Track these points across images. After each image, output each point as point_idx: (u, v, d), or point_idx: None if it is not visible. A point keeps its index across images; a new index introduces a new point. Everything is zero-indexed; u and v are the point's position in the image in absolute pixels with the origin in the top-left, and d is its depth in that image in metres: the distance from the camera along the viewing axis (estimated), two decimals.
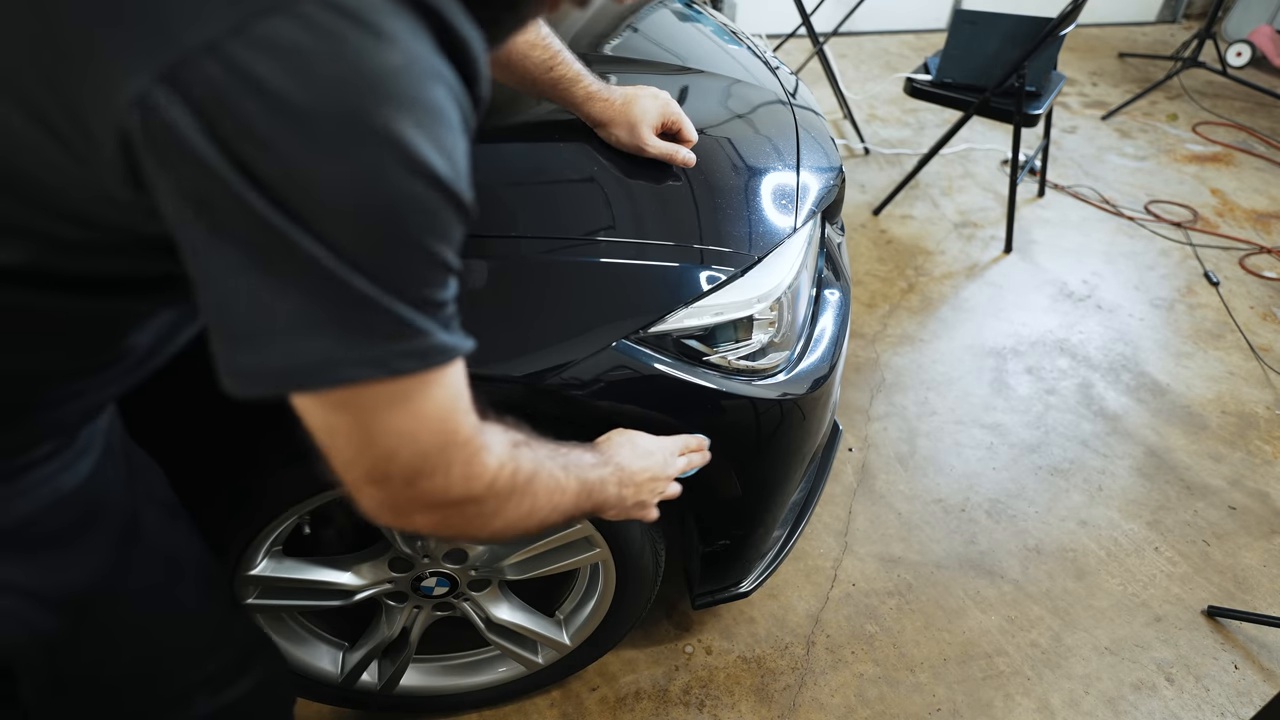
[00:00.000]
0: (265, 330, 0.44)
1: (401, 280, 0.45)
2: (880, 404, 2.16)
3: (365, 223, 0.43)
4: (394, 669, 1.29)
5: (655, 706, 1.46)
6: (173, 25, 0.39)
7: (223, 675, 0.84)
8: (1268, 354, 2.45)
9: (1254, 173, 3.49)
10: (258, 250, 0.42)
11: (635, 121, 1.02)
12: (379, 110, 0.40)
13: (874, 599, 1.67)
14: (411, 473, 0.53)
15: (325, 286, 0.43)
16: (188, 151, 0.40)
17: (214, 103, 0.39)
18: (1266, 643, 1.65)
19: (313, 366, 0.45)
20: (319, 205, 0.41)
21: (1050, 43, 2.46)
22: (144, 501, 0.75)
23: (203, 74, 0.39)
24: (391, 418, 0.49)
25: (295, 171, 0.40)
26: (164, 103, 0.39)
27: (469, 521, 0.60)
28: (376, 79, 0.40)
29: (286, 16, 0.38)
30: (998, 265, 2.76)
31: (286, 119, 0.39)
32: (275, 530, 1.07)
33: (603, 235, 0.99)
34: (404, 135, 0.41)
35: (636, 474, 0.84)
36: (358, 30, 0.39)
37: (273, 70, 0.38)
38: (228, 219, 0.42)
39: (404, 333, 0.46)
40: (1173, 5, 5.54)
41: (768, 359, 1.10)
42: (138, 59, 0.39)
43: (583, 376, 0.96)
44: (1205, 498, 1.97)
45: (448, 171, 0.43)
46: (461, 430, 0.54)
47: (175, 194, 0.42)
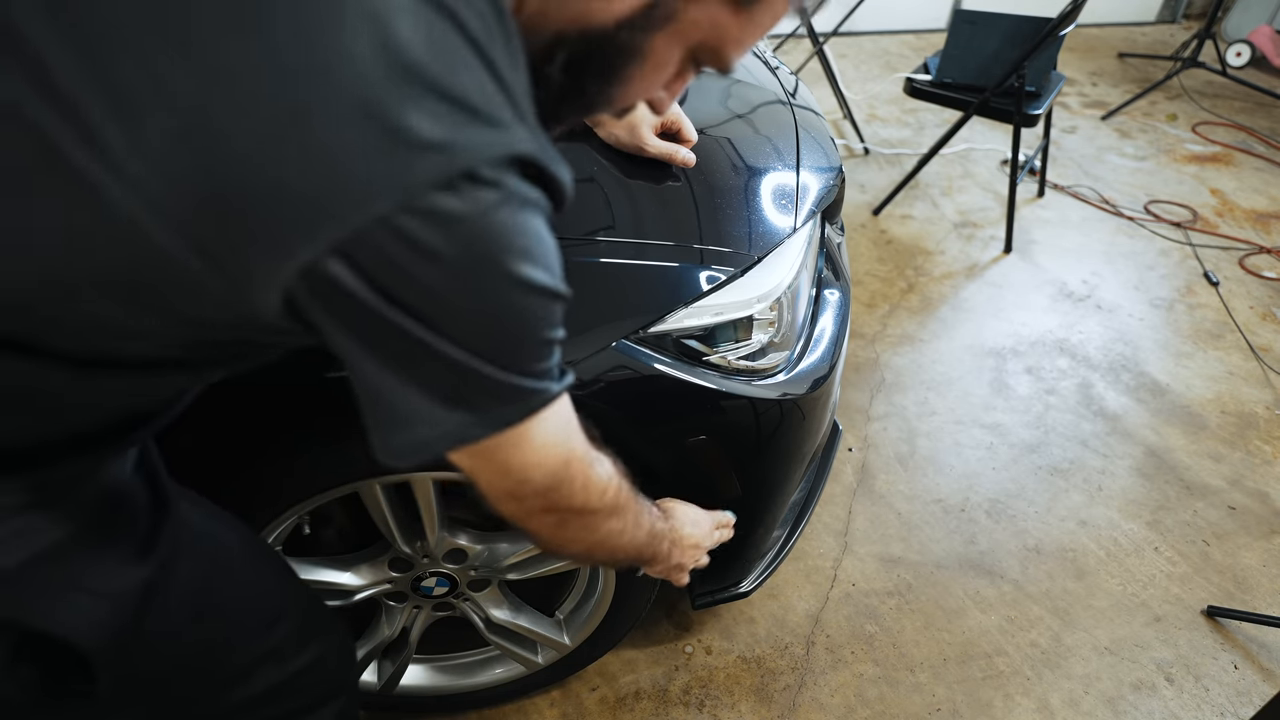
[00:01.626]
0: (414, 416, 0.54)
1: (522, 362, 0.56)
2: (880, 404, 2.16)
3: (494, 329, 0.53)
4: (394, 669, 1.29)
5: (655, 706, 1.46)
6: (348, 202, 0.44)
7: (286, 646, 0.86)
8: (1267, 354, 2.45)
9: (1254, 173, 3.49)
10: (410, 359, 0.51)
11: (635, 121, 1.02)
12: (503, 253, 0.49)
13: (874, 599, 1.67)
14: (543, 488, 0.64)
15: (464, 377, 0.53)
16: (351, 301, 0.47)
17: (379, 263, 0.46)
18: (1266, 642, 1.65)
19: (451, 435, 0.55)
20: (459, 320, 0.50)
21: (1050, 43, 2.46)
22: (178, 491, 0.78)
23: (372, 243, 0.45)
24: (518, 454, 0.60)
25: (440, 299, 0.49)
26: (333, 269, 0.45)
27: (581, 527, 0.71)
28: (501, 229, 0.48)
29: (449, 193, 0.45)
30: (997, 265, 2.76)
31: (437, 264, 0.47)
32: (275, 530, 1.07)
33: (602, 235, 0.99)
34: (519, 267, 0.50)
35: (685, 539, 0.94)
36: (493, 193, 0.47)
37: (430, 233, 0.46)
38: (384, 339, 0.50)
39: (523, 396, 0.57)
40: (1172, 5, 5.55)
41: (768, 359, 1.10)
42: (313, 233, 0.44)
43: (583, 376, 0.96)
44: (1205, 498, 1.97)
45: (549, 280, 0.53)
46: (576, 447, 0.65)
47: (337, 327, 0.50)
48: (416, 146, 0.44)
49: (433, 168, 0.45)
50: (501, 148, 0.47)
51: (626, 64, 0.58)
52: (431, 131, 0.44)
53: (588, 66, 0.58)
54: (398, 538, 1.09)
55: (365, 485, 1.03)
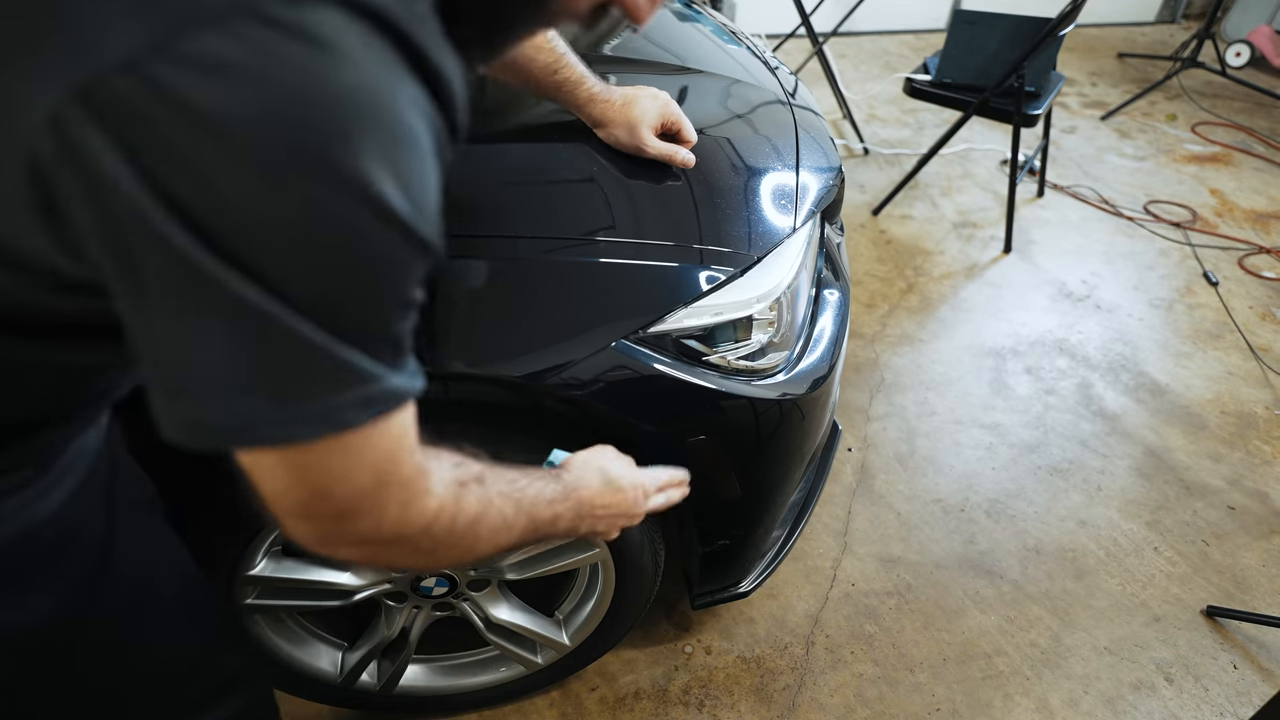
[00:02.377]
0: (197, 384, 0.40)
1: (351, 324, 0.41)
2: (880, 404, 2.16)
3: (311, 264, 0.38)
4: (393, 669, 1.29)
5: (655, 706, 1.46)
6: (85, 38, 0.34)
7: (204, 701, 0.80)
8: (1267, 354, 2.45)
9: (1253, 173, 3.49)
10: (187, 295, 0.37)
11: (635, 122, 1.02)
12: (333, 138, 0.35)
13: (873, 599, 1.67)
14: (343, 511, 0.49)
15: (261, 333, 0.38)
16: (106, 181, 0.35)
17: (134, 126, 0.34)
18: (1265, 642, 1.65)
19: (245, 428, 0.41)
20: (260, 245, 0.36)
21: (1049, 43, 2.47)
22: (123, 522, 0.70)
23: (121, 94, 0.33)
24: (329, 461, 0.45)
25: (226, 203, 0.35)
26: (78, 125, 0.34)
27: (400, 557, 0.57)
28: (330, 101, 0.35)
29: (217, 31, 0.34)
30: (997, 265, 2.76)
31: (221, 145, 0.34)
32: (275, 530, 1.07)
33: (602, 235, 0.99)
34: (361, 168, 0.36)
35: (596, 508, 0.80)
36: (306, 46, 0.34)
37: (204, 90, 0.33)
38: (153, 261, 0.36)
39: (352, 380, 0.42)
40: (1172, 5, 5.55)
41: (767, 359, 1.10)
42: (47, 74, 0.34)
43: (582, 376, 0.96)
44: (1204, 498, 1.97)
45: (410, 210, 0.38)
46: (402, 470, 0.50)
47: (96, 232, 0.37)
48: None
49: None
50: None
51: None
52: None
53: None
54: None
55: None
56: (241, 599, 1.12)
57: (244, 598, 1.12)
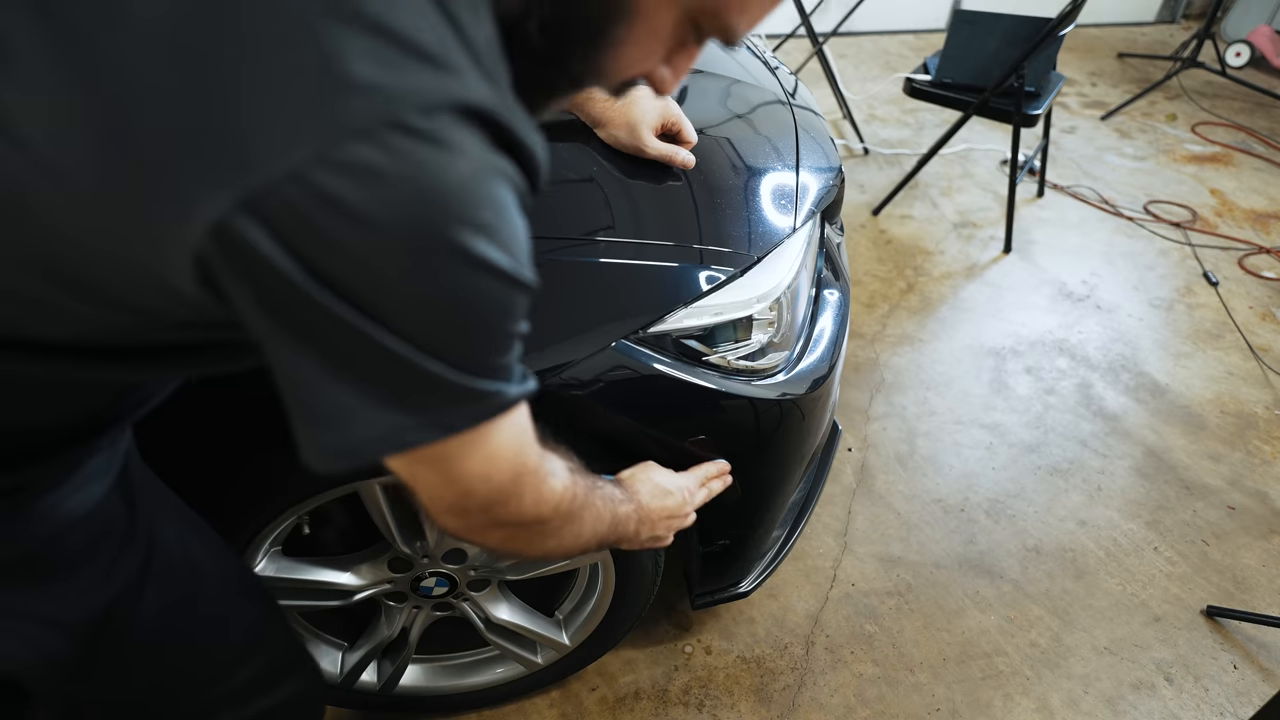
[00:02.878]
0: (345, 414, 0.47)
1: (471, 358, 0.49)
2: (879, 404, 2.16)
3: (438, 317, 0.46)
4: (393, 669, 1.29)
5: (654, 706, 1.46)
6: (255, 153, 0.39)
7: (252, 687, 0.83)
8: (1267, 354, 2.46)
9: (1253, 173, 3.49)
10: (336, 347, 0.45)
11: (635, 122, 1.02)
12: (448, 222, 0.42)
13: (873, 599, 1.67)
14: (488, 503, 0.58)
15: (401, 372, 0.46)
16: (268, 268, 0.41)
17: (297, 225, 0.40)
18: (1265, 642, 1.65)
19: (388, 438, 0.49)
20: (401, 306, 0.44)
21: (1049, 43, 2.46)
22: (159, 517, 0.74)
23: (285, 199, 0.39)
24: (466, 463, 0.54)
25: (379, 280, 0.43)
26: (245, 228, 0.40)
27: (531, 539, 0.67)
28: (445, 193, 0.42)
29: (369, 142, 0.40)
30: (997, 265, 2.76)
31: (370, 235, 0.41)
32: (274, 530, 1.07)
33: (602, 235, 0.99)
34: (470, 241, 0.43)
35: (654, 512, 0.90)
36: (436, 150, 0.41)
37: (357, 192, 0.40)
38: (307, 321, 0.44)
39: (476, 398, 0.51)
40: (1172, 5, 5.55)
41: (767, 359, 1.10)
42: (219, 187, 0.39)
43: (582, 376, 0.96)
44: (1204, 498, 1.97)
45: (510, 263, 0.46)
46: (529, 460, 0.60)
47: (254, 303, 0.44)
48: (339, 87, 0.39)
49: (356, 111, 0.39)
50: (444, 94, 0.41)
51: (613, 24, 0.51)
52: (359, 70, 0.39)
53: (570, 27, 0.50)
54: (397, 538, 1.09)
55: (365, 485, 1.03)
56: None
57: None
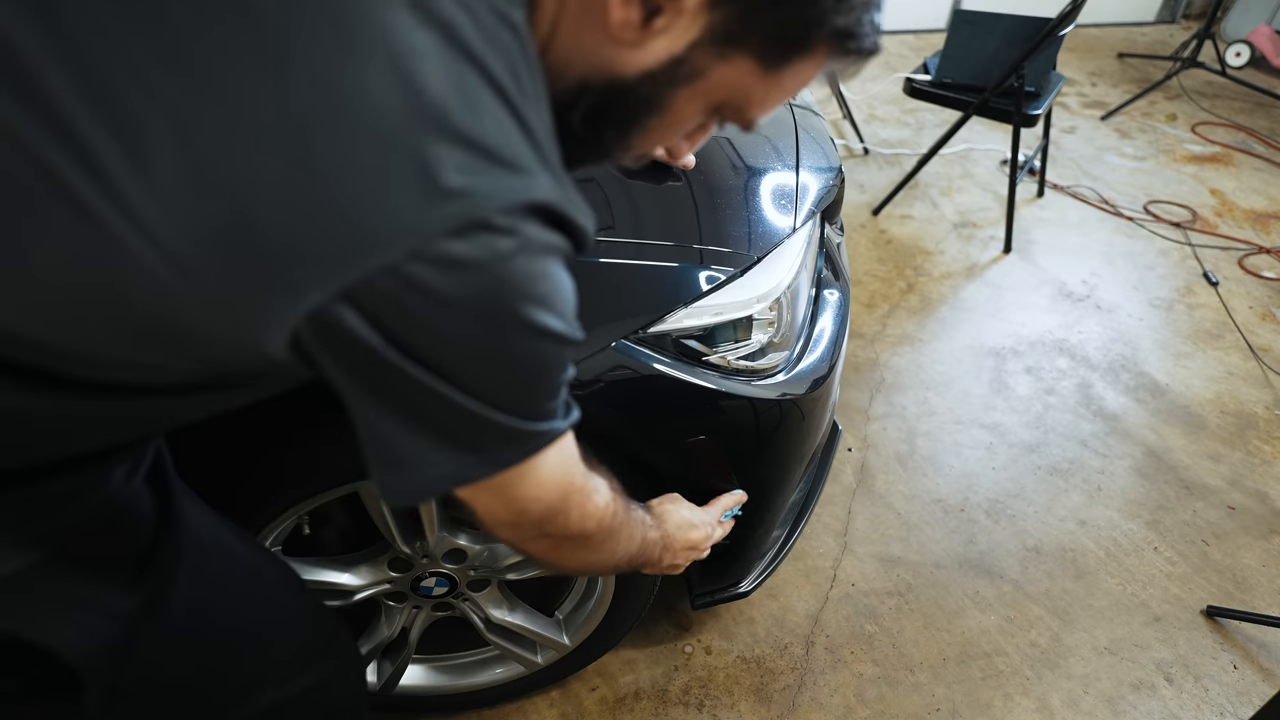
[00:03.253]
0: (419, 459, 0.54)
1: (529, 406, 0.56)
2: (879, 404, 2.16)
3: (501, 376, 0.52)
4: (393, 669, 1.29)
5: (654, 706, 1.46)
6: (357, 252, 0.43)
7: (292, 665, 0.85)
8: (1267, 354, 2.46)
9: (1253, 173, 3.49)
10: (412, 404, 0.50)
11: None
12: (514, 298, 0.48)
13: (873, 599, 1.67)
14: (540, 519, 0.64)
15: (467, 422, 0.52)
16: (357, 343, 0.46)
17: (384, 306, 0.45)
18: (1265, 642, 1.65)
19: (454, 475, 0.56)
20: (472, 369, 0.50)
21: (1049, 43, 2.46)
22: (188, 508, 0.76)
23: (379, 289, 0.44)
24: (520, 488, 0.60)
25: (453, 349, 0.48)
26: (341, 314, 0.44)
27: (576, 551, 0.72)
28: (513, 275, 0.47)
29: (460, 239, 0.44)
30: (997, 265, 2.76)
31: (448, 313, 0.46)
32: (275, 530, 1.07)
33: (602, 235, 0.98)
34: (532, 313, 0.49)
35: (677, 543, 0.96)
36: (505, 239, 0.46)
37: (437, 278, 0.44)
38: (387, 383, 0.49)
39: (529, 437, 0.57)
40: (1172, 5, 5.55)
41: (767, 359, 1.10)
42: (320, 281, 0.43)
43: (582, 376, 0.96)
44: (1204, 498, 1.97)
45: (564, 326, 0.53)
46: (576, 480, 0.66)
47: (341, 370, 0.49)
48: (434, 193, 0.43)
49: (449, 215, 0.43)
50: (522, 195, 0.46)
51: (646, 115, 0.57)
52: (450, 178, 0.43)
53: (608, 116, 0.57)
54: (397, 538, 1.09)
55: (365, 485, 1.03)
56: None
57: None
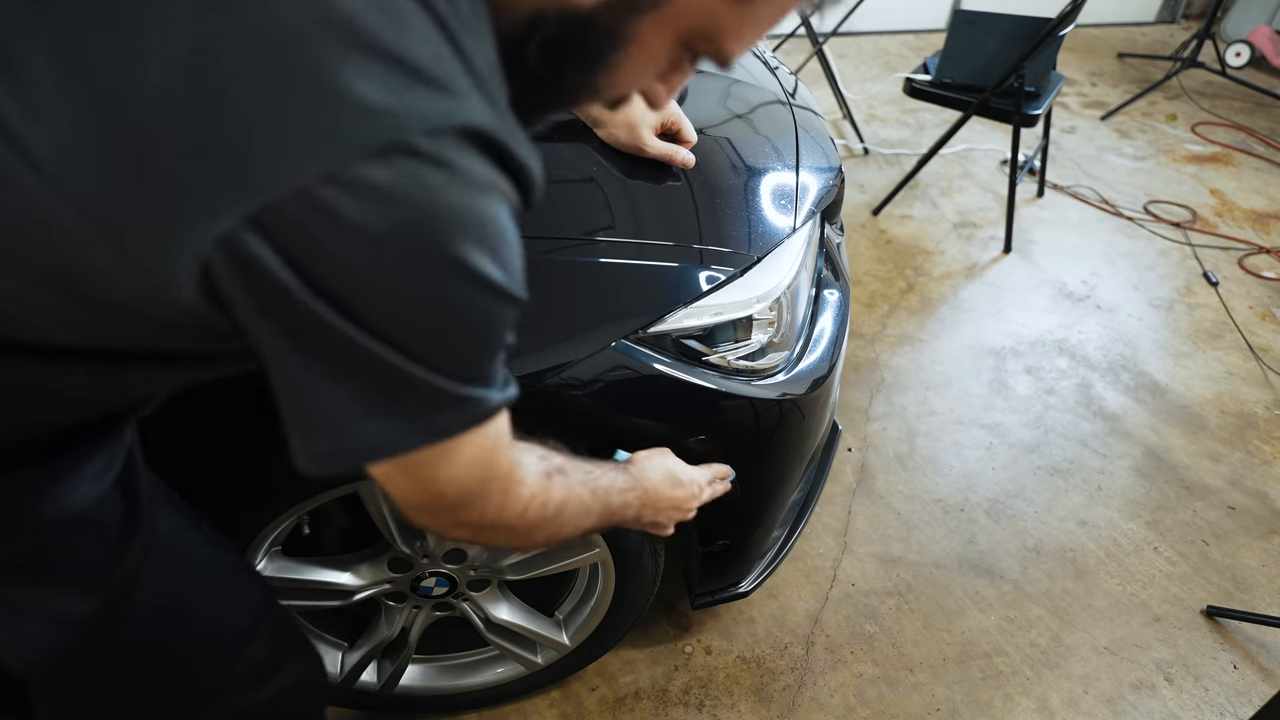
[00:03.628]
0: (337, 420, 0.49)
1: (461, 366, 0.51)
2: (879, 404, 2.16)
3: (429, 326, 0.47)
4: (393, 669, 1.29)
5: (654, 706, 1.46)
6: (265, 173, 0.40)
7: (264, 667, 0.84)
8: (1267, 354, 2.45)
9: (1253, 173, 3.49)
10: (334, 356, 0.46)
11: (634, 121, 1.02)
12: (446, 237, 0.44)
13: (873, 599, 1.67)
14: (457, 505, 0.60)
15: (393, 379, 0.48)
16: (270, 281, 0.42)
17: (298, 238, 0.42)
18: (1265, 642, 1.65)
19: (376, 445, 0.51)
20: (393, 317, 0.46)
21: (1049, 43, 2.46)
22: (160, 510, 0.75)
23: (289, 215, 0.41)
24: (441, 468, 0.55)
25: (373, 290, 0.44)
26: (249, 242, 0.41)
27: (500, 539, 0.68)
28: (444, 210, 0.43)
29: (376, 163, 0.41)
30: (997, 265, 2.76)
31: (368, 248, 0.42)
32: (274, 530, 1.07)
33: (602, 235, 0.99)
34: (467, 258, 0.45)
35: (660, 499, 0.91)
36: (431, 168, 0.42)
37: (358, 208, 0.41)
38: (305, 331, 0.45)
39: (461, 405, 0.52)
40: (1172, 5, 5.55)
41: (767, 359, 1.10)
42: (231, 205, 0.40)
43: (582, 376, 0.96)
44: (1204, 498, 1.97)
45: (503, 277, 0.48)
46: (500, 466, 0.61)
47: (254, 312, 0.45)
48: (346, 110, 0.40)
49: (364, 134, 0.40)
50: (447, 117, 0.42)
51: (610, 50, 0.52)
52: (366, 94, 0.40)
53: (567, 51, 0.52)
54: (397, 538, 1.09)
55: (365, 485, 1.03)
56: None
57: None
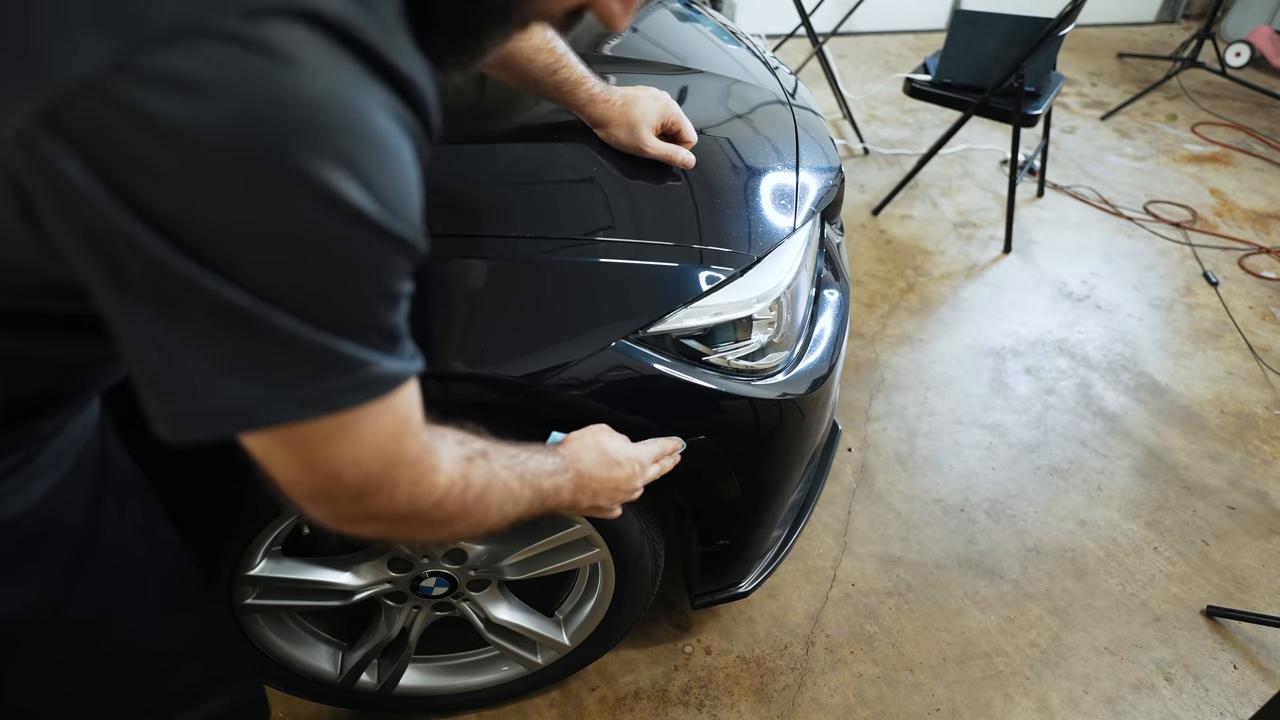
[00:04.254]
0: (187, 378, 0.41)
1: (335, 317, 0.42)
2: (879, 404, 2.16)
3: (284, 264, 0.39)
4: (393, 669, 1.29)
5: (654, 706, 1.46)
6: (48, 61, 0.35)
7: (186, 697, 0.79)
8: (1266, 354, 2.45)
9: (1253, 173, 3.49)
10: (167, 298, 0.39)
11: (635, 122, 1.02)
12: (297, 146, 0.36)
13: (873, 599, 1.67)
14: (356, 493, 0.51)
15: (246, 329, 0.40)
16: (78, 196, 0.36)
17: (101, 143, 0.35)
18: (1265, 642, 1.65)
19: (241, 412, 0.42)
20: (229, 247, 0.38)
21: (1049, 43, 2.47)
22: (111, 515, 0.70)
23: (86, 113, 0.34)
24: (332, 447, 0.47)
25: (199, 211, 0.36)
26: (46, 144, 0.35)
27: (415, 532, 0.60)
28: (293, 112, 0.36)
29: (178, 49, 0.34)
30: (997, 265, 2.76)
31: (185, 154, 0.35)
32: (274, 530, 1.07)
33: (602, 235, 0.99)
34: (317, 174, 0.37)
35: (595, 482, 0.84)
36: (267, 60, 0.35)
37: (170, 106, 0.34)
38: (130, 265, 0.38)
39: (341, 367, 0.43)
40: (1172, 5, 5.55)
41: (767, 359, 1.10)
42: (14, 99, 0.35)
43: (582, 376, 0.96)
44: (1204, 498, 1.97)
45: (377, 209, 0.39)
46: (409, 452, 0.52)
47: (72, 240, 0.38)
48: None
49: (155, 16, 0.34)
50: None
51: None
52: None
53: None
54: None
55: None
56: (241, 599, 1.12)
57: (244, 598, 1.12)
